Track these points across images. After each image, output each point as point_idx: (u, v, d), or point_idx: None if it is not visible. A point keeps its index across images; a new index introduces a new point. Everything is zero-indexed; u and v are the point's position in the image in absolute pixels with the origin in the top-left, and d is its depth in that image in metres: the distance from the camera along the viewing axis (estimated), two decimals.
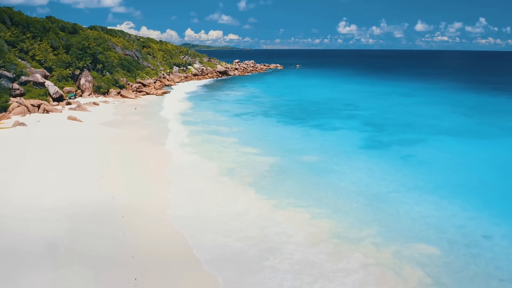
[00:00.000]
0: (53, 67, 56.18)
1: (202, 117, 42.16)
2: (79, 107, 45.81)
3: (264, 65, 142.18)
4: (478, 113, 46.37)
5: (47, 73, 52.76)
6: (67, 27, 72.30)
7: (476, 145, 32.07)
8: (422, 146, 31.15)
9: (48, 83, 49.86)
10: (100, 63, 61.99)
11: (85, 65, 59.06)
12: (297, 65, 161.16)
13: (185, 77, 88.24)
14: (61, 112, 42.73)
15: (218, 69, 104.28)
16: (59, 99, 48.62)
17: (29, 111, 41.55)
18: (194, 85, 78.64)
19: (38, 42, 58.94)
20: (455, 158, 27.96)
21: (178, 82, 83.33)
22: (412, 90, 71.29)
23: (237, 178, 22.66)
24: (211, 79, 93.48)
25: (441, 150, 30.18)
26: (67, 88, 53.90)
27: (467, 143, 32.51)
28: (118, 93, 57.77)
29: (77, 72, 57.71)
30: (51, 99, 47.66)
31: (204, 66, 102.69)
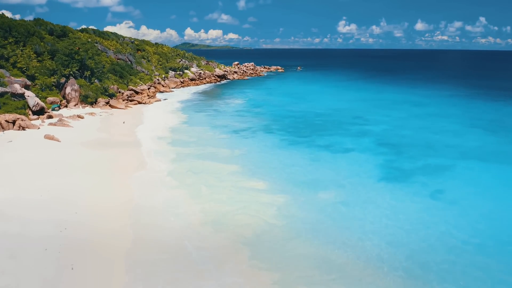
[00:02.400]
0: (36, 75, 51.69)
1: (195, 135, 37.70)
2: (61, 121, 41.37)
3: (264, 68, 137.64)
4: (502, 129, 41.94)
5: (28, 82, 48.20)
6: (56, 30, 67.91)
7: None
8: (450, 177, 26.72)
9: (28, 93, 45.38)
10: (89, 69, 57.49)
11: (71, 72, 54.56)
12: (298, 67, 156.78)
13: (181, 82, 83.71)
14: (39, 128, 38.23)
15: (216, 73, 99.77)
16: (40, 112, 44.12)
17: (2, 128, 37.09)
18: (190, 91, 74.15)
19: (21, 48, 54.51)
20: (492, 195, 23.49)
21: (174, 87, 78.87)
22: (422, 98, 66.84)
23: (228, 231, 18.00)
24: (209, 84, 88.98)
25: (473, 182, 25.74)
26: (50, 99, 49.43)
27: (501, 171, 28.11)
28: (107, 103, 53.28)
29: (63, 80, 53.24)
30: (30, 113, 43.18)
31: (201, 69, 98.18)
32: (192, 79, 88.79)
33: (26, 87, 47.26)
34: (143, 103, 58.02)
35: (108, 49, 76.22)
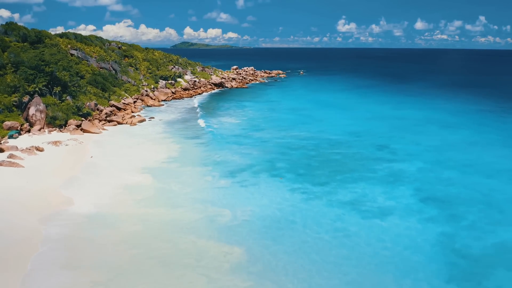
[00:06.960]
0: None
1: (185, 181, 28.99)
2: (10, 158, 32.66)
3: (265, 72, 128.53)
4: None
5: None
6: (30, 35, 59.20)
7: None
8: None
9: None
10: (60, 84, 48.66)
11: (37, 88, 45.79)
12: (301, 71, 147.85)
13: (172, 93, 74.88)
14: None
15: (212, 81, 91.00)
16: None
17: None
18: (182, 106, 65.21)
19: None
20: None
21: (164, 100, 70.10)
22: (447, 115, 58.12)
23: None
24: (204, 94, 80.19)
25: None
26: (8, 123, 40.74)
27: None
28: (78, 126, 44.47)
29: (26, 99, 44.45)
30: None
31: (196, 77, 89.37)
32: (185, 89, 79.96)
33: None
34: (124, 124, 49.30)
35: (90, 57, 67.44)
